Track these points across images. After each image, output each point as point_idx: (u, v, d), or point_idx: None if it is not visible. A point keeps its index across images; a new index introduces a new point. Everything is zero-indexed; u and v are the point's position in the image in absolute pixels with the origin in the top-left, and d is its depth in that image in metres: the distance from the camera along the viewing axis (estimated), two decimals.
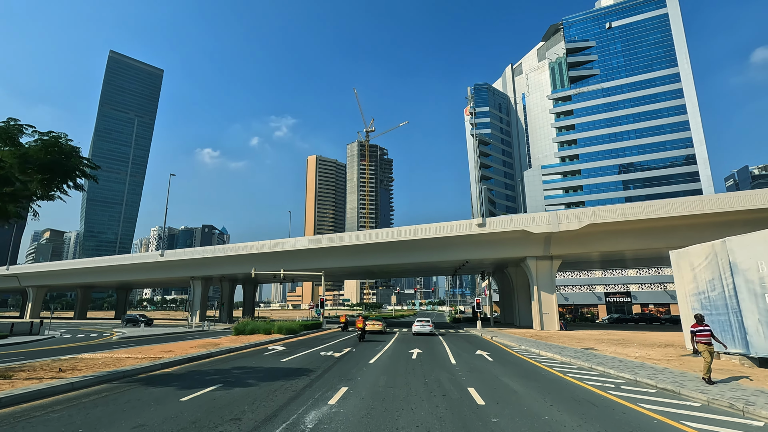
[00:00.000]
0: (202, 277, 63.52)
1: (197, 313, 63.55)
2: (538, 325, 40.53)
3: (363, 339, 29.25)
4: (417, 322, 34.52)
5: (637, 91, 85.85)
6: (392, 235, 44.41)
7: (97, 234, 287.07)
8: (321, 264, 50.53)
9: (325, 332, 37.40)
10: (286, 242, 50.77)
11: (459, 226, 41.48)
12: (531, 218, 38.79)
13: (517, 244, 41.26)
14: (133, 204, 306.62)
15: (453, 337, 32.82)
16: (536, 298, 41.13)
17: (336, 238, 47.58)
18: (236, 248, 54.35)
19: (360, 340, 28.90)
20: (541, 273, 41.52)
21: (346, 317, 39.63)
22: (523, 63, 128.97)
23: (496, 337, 30.14)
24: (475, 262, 48.43)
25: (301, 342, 25.83)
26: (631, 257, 48.81)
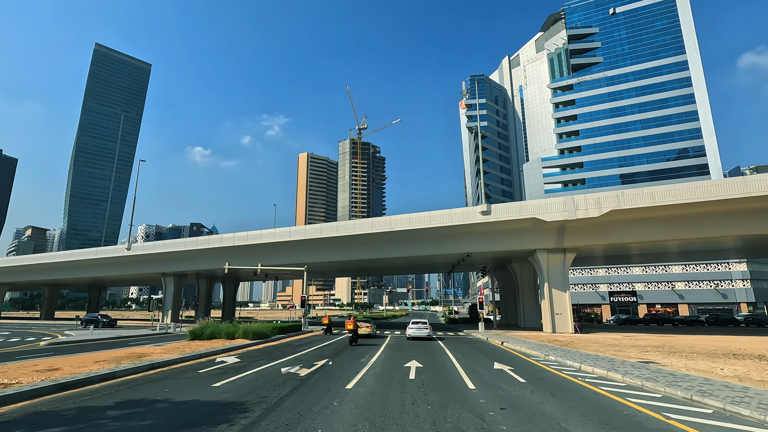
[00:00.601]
0: (174, 274, 57.73)
1: (169, 313, 57.79)
2: (549, 327, 35.53)
3: (354, 343, 24.51)
4: (412, 324, 29.33)
5: (643, 79, 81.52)
6: (384, 225, 39.15)
7: (82, 232, 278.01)
8: (304, 258, 45.12)
9: (304, 336, 32.04)
10: (264, 234, 45.28)
11: (460, 214, 36.35)
12: (543, 204, 33.75)
13: (526, 235, 36.22)
14: (119, 201, 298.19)
15: (455, 342, 27.64)
16: (547, 297, 36.14)
17: (321, 229, 42.21)
18: (209, 241, 48.73)
19: (351, 344, 24.21)
20: (552, 268, 36.54)
21: (330, 318, 34.36)
22: (520, 54, 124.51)
23: (507, 343, 25.02)
24: (476, 257, 43.36)
25: (266, 351, 20.45)
26: (653, 251, 44.01)
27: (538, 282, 46.82)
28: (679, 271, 71.96)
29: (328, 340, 27.69)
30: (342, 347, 22.66)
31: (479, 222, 35.49)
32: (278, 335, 29.00)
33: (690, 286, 70.99)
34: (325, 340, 27.66)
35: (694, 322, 54.14)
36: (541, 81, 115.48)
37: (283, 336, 29.25)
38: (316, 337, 30.40)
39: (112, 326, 46.49)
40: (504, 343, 25.35)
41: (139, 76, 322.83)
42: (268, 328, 27.52)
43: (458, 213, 36.44)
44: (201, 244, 49.16)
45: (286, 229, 44.12)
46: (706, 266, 70.28)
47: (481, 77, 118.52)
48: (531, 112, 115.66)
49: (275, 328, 29.24)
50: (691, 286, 70.92)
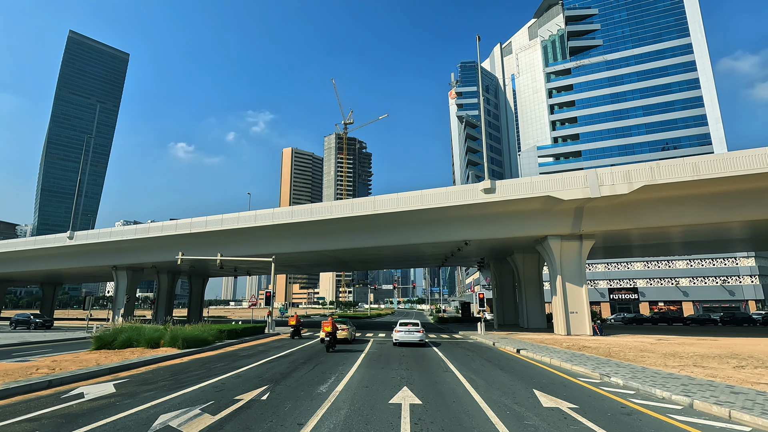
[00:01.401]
0: (128, 267, 50.43)
1: (120, 312, 50.46)
2: (563, 327, 29.73)
3: (332, 349, 19.61)
4: (400, 326, 23.09)
5: (645, 63, 76.76)
6: (366, 206, 32.82)
7: (53, 227, 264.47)
8: (274, 248, 38.50)
9: (265, 341, 25.53)
10: (226, 219, 38.49)
11: (458, 193, 30.24)
12: (559, 180, 27.82)
13: (536, 219, 30.31)
14: (94, 196, 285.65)
15: (456, 349, 21.51)
16: (560, 293, 30.32)
17: (292, 213, 35.65)
18: (163, 228, 41.69)
19: (328, 350, 19.58)
20: (566, 258, 30.73)
21: (298, 318, 27.93)
22: (512, 42, 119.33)
23: (524, 351, 19.00)
24: (472, 247, 37.36)
25: (184, 368, 13.97)
26: (656, 241, 38.62)
27: (542, 276, 41.07)
28: (684, 266, 67.44)
29: (291, 347, 21.28)
30: (303, 360, 16.28)
31: (481, 202, 29.41)
32: (227, 341, 22.44)
33: (695, 282, 66.51)
34: (287, 347, 21.23)
35: (707, 321, 49.23)
36: (535, 69, 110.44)
37: (233, 342, 22.67)
38: (278, 343, 23.92)
39: (47, 327, 39.20)
40: (520, 351, 19.30)
41: (116, 65, 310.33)
42: (211, 332, 20.94)
43: (456, 191, 30.32)
44: (153, 232, 42.06)
45: (251, 213, 37.41)
46: (712, 261, 65.88)
47: (471, 64, 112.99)
48: (523, 102, 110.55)
49: (224, 332, 22.67)
50: (696, 283, 66.44)
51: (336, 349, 20.52)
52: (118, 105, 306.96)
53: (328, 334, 20.07)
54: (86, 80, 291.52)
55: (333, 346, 20.15)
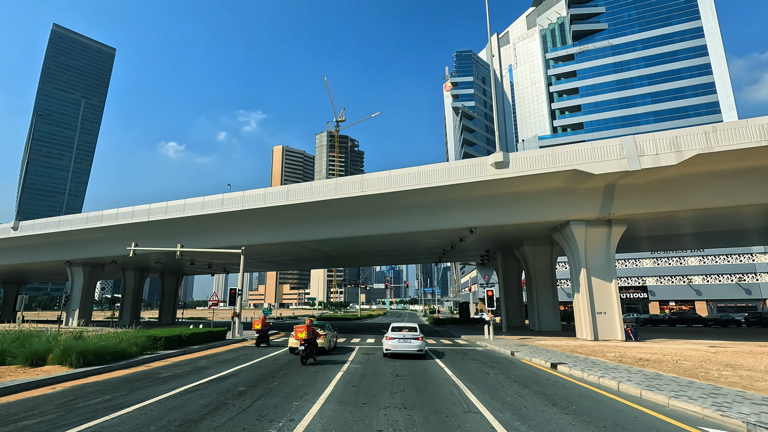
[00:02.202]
0: (84, 262, 44.58)
1: (75, 313, 44.54)
2: (588, 331, 24.61)
3: (313, 359, 15.74)
4: (393, 331, 17.71)
5: (653, 48, 72.28)
6: (353, 187, 27.43)
7: None
8: (245, 238, 32.99)
9: (216, 350, 20.04)
10: (189, 204, 32.88)
11: (463, 169, 24.97)
12: (589, 150, 22.66)
13: (556, 200, 25.15)
14: (78, 194, 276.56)
15: (466, 362, 16.21)
16: (584, 289, 25.20)
17: (266, 196, 30.14)
18: (118, 215, 35.94)
19: (304, 362, 15.06)
20: (592, 248, 25.63)
21: (264, 321, 22.38)
22: (510, 31, 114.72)
23: (563, 366, 13.76)
24: (477, 236, 32.06)
25: (32, 406, 8.49)
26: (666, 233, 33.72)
27: (555, 271, 36.00)
28: (696, 263, 62.92)
29: (246, 361, 15.81)
30: (246, 385, 10.86)
31: (492, 179, 24.16)
32: (163, 352, 16.89)
33: (708, 280, 62.01)
34: (240, 361, 15.75)
35: (729, 322, 44.57)
36: (533, 60, 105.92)
37: (172, 353, 17.12)
38: (233, 354, 18.43)
39: None
40: (557, 366, 14.05)
41: (102, 60, 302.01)
42: (137, 340, 15.43)
43: (461, 167, 25.04)
44: (107, 220, 36.27)
45: (218, 197, 31.84)
46: (727, 258, 61.44)
47: (467, 53, 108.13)
48: (521, 93, 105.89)
49: (160, 340, 17.14)
50: (709, 281, 61.94)
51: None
52: (104, 101, 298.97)
53: (303, 342, 14.93)
54: (70, 75, 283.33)
55: (311, 355, 15.35)
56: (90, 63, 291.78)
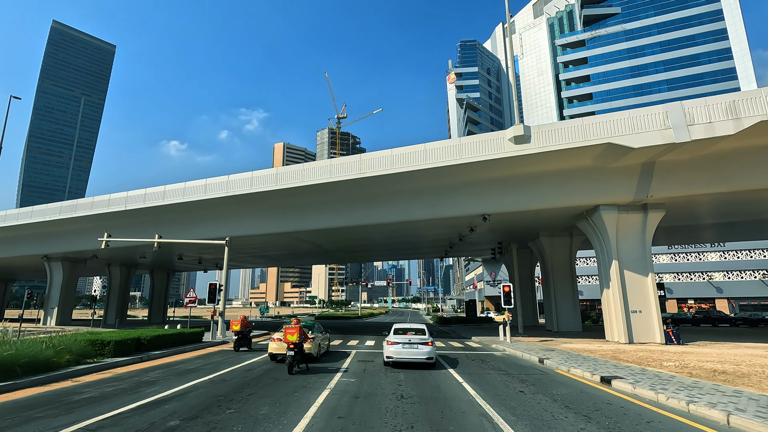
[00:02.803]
0: (63, 257, 41.46)
1: (54, 312, 41.45)
2: (621, 333, 21.29)
3: (298, 367, 13.04)
4: (396, 334, 14.43)
5: (669, 32, 68.56)
6: (349, 168, 24.12)
7: None
8: (231, 228, 29.75)
9: (182, 357, 16.79)
10: (169, 191, 29.61)
11: (476, 146, 21.60)
12: (627, 120, 19.24)
13: (583, 181, 21.78)
14: (78, 192, 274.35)
15: (488, 373, 12.90)
16: (615, 285, 21.86)
17: (252, 179, 26.84)
18: (93, 204, 32.73)
19: (291, 371, 12.27)
20: (625, 237, 22.29)
21: (245, 321, 19.07)
22: (516, 21, 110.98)
23: (620, 381, 10.41)
24: (487, 227, 28.75)
25: None
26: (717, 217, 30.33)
27: (574, 265, 32.62)
28: (716, 258, 59.39)
29: (210, 372, 12.52)
30: (176, 422, 7.55)
31: (510, 156, 20.79)
32: (109, 360, 13.63)
33: (730, 276, 58.48)
34: (203, 373, 12.46)
35: (759, 321, 41.15)
36: (540, 50, 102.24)
37: (121, 362, 13.84)
38: (200, 363, 15.15)
39: None
40: (611, 381, 10.69)
41: (102, 57, 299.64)
42: (72, 346, 12.17)
43: (473, 143, 21.67)
44: (82, 210, 33.07)
45: (201, 182, 28.56)
46: (750, 253, 57.87)
47: (472, 43, 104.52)
48: (528, 85, 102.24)
49: (109, 344, 13.88)
50: (731, 277, 58.41)
51: (296, 370, 12.15)
52: (104, 98, 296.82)
53: (291, 347, 12.13)
54: (70, 72, 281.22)
55: (298, 365, 12.67)
56: (90, 60, 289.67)
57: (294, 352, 12.29)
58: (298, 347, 12.46)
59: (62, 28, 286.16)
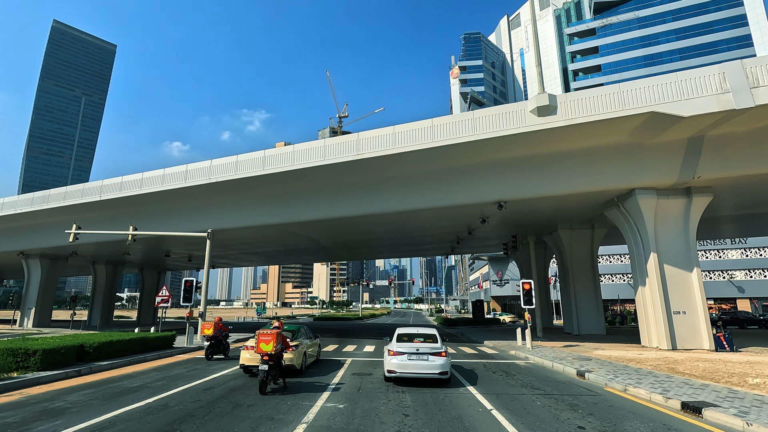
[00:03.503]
0: (41, 253, 38.59)
1: (31, 312, 38.58)
2: (661, 337, 18.24)
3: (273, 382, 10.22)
4: (400, 340, 11.35)
5: (684, 19, 65.34)
6: (345, 149, 21.13)
7: None
8: (214, 221, 26.78)
9: (139, 367, 13.82)
10: (147, 178, 26.66)
11: (493, 119, 18.58)
12: (674, 84, 16.18)
13: (616, 160, 18.72)
14: None
15: (521, 393, 9.82)
16: (654, 280, 18.78)
17: (237, 164, 23.86)
18: (67, 194, 29.86)
19: (263, 390, 9.32)
20: (665, 225, 19.23)
21: (219, 324, 16.10)
22: (521, 13, 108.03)
23: (716, 411, 7.29)
24: (506, 213, 25.74)
25: None
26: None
27: (596, 261, 29.51)
28: (737, 256, 56.11)
29: (153, 394, 9.51)
30: None
31: (532, 131, 17.76)
32: (32, 375, 10.65)
33: (752, 275, 55.19)
34: (141, 396, 9.45)
35: None
36: (546, 42, 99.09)
37: (45, 378, 10.86)
38: (149, 379, 12.16)
39: None
40: (702, 411, 7.62)
41: (103, 57, 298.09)
42: None
43: (489, 116, 18.64)
44: (55, 201, 30.18)
45: (181, 168, 25.61)
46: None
47: (476, 36, 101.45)
48: (533, 79, 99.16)
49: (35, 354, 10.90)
50: (754, 276, 55.13)
51: (268, 390, 9.14)
52: (105, 98, 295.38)
53: (266, 359, 9.30)
54: (71, 71, 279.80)
55: (277, 380, 9.90)
56: (90, 60, 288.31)
57: (269, 366, 9.32)
58: (275, 359, 9.50)
59: (63, 27, 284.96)
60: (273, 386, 10.11)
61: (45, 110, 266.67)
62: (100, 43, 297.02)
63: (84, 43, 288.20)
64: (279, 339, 9.48)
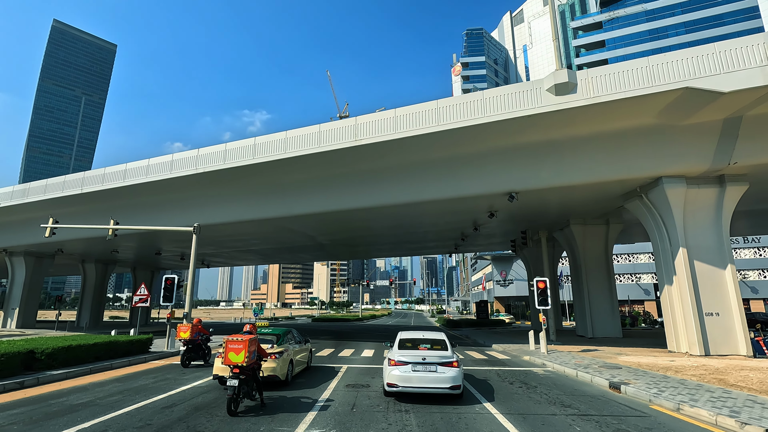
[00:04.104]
0: (25, 251, 36.85)
1: (15, 313, 36.80)
2: (691, 341, 16.44)
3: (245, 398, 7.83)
4: (402, 348, 9.47)
5: (694, 12, 63.54)
6: (342, 135, 19.34)
7: None
8: (203, 215, 24.98)
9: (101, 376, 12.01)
10: (131, 169, 24.88)
11: (505, 99, 16.77)
12: (711, 57, 14.37)
13: (642, 145, 16.88)
14: None
15: (557, 418, 7.95)
16: (683, 278, 16.96)
17: (226, 153, 22.07)
18: (47, 187, 28.12)
19: (231, 410, 7.38)
20: (695, 217, 17.41)
21: (198, 326, 14.34)
22: (524, 9, 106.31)
23: None
24: (515, 206, 23.95)
25: None
26: None
27: (611, 259, 27.62)
28: (750, 255, 54.23)
29: (91, 417, 7.71)
30: None
31: (551, 110, 15.94)
32: None
33: (765, 275, 53.30)
34: (76, 420, 7.66)
35: None
36: (550, 38, 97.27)
37: None
38: (99, 394, 10.34)
39: None
40: None
41: (103, 56, 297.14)
42: None
43: (501, 96, 16.83)
44: (34, 195, 28.42)
45: (167, 158, 23.83)
46: None
47: (479, 31, 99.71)
48: (538, 75, 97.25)
49: None
50: (766, 276, 53.23)
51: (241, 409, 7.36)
52: (105, 98, 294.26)
53: (236, 372, 7.60)
54: (70, 71, 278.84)
55: (253, 395, 7.99)
56: (90, 59, 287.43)
57: (239, 381, 7.48)
58: (248, 372, 7.68)
59: (63, 27, 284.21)
60: (249, 403, 8.32)
61: (45, 110, 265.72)
62: (101, 43, 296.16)
63: (84, 43, 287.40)
64: (252, 347, 7.68)
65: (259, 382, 8.07)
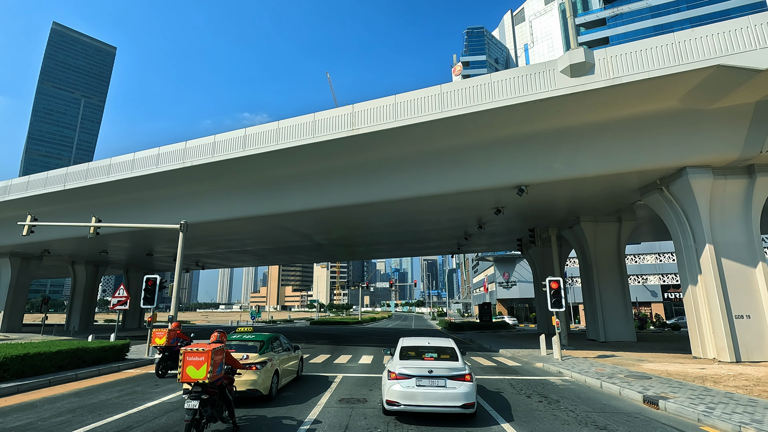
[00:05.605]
0: (10, 252, 35.51)
1: (0, 315, 35.38)
2: (720, 346, 15.01)
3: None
4: (405, 357, 8.02)
5: (700, 7, 62.32)
6: (338, 124, 17.94)
7: None
8: (191, 213, 23.60)
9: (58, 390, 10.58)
10: (115, 164, 23.49)
11: (516, 82, 15.41)
12: (745, 29, 13.04)
13: (664, 131, 15.50)
14: None
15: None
16: (711, 279, 15.54)
17: (215, 145, 20.69)
18: (29, 184, 26.69)
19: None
20: (722, 210, 16.01)
21: (176, 331, 12.97)
22: (525, 8, 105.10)
23: None
24: (523, 201, 22.56)
25: None
26: None
27: (623, 258, 26.18)
28: None
29: None
30: None
31: (566, 93, 14.59)
32: None
33: None
34: None
35: None
36: (552, 37, 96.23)
37: None
38: (57, 411, 8.91)
39: None
40: None
41: (102, 59, 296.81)
42: None
43: (511, 79, 15.47)
44: (16, 192, 26.97)
45: (153, 152, 22.44)
46: None
47: (479, 30, 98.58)
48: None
49: None
50: None
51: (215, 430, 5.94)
52: (104, 100, 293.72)
53: (197, 391, 5.95)
54: (70, 73, 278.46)
55: (221, 417, 6.39)
56: (90, 61, 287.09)
57: (202, 400, 6.01)
58: (214, 390, 6.23)
59: (62, 29, 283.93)
60: (219, 426, 6.89)
61: (44, 112, 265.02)
62: (100, 45, 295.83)
63: (83, 45, 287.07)
64: (219, 357, 6.25)
65: (229, 400, 6.62)
